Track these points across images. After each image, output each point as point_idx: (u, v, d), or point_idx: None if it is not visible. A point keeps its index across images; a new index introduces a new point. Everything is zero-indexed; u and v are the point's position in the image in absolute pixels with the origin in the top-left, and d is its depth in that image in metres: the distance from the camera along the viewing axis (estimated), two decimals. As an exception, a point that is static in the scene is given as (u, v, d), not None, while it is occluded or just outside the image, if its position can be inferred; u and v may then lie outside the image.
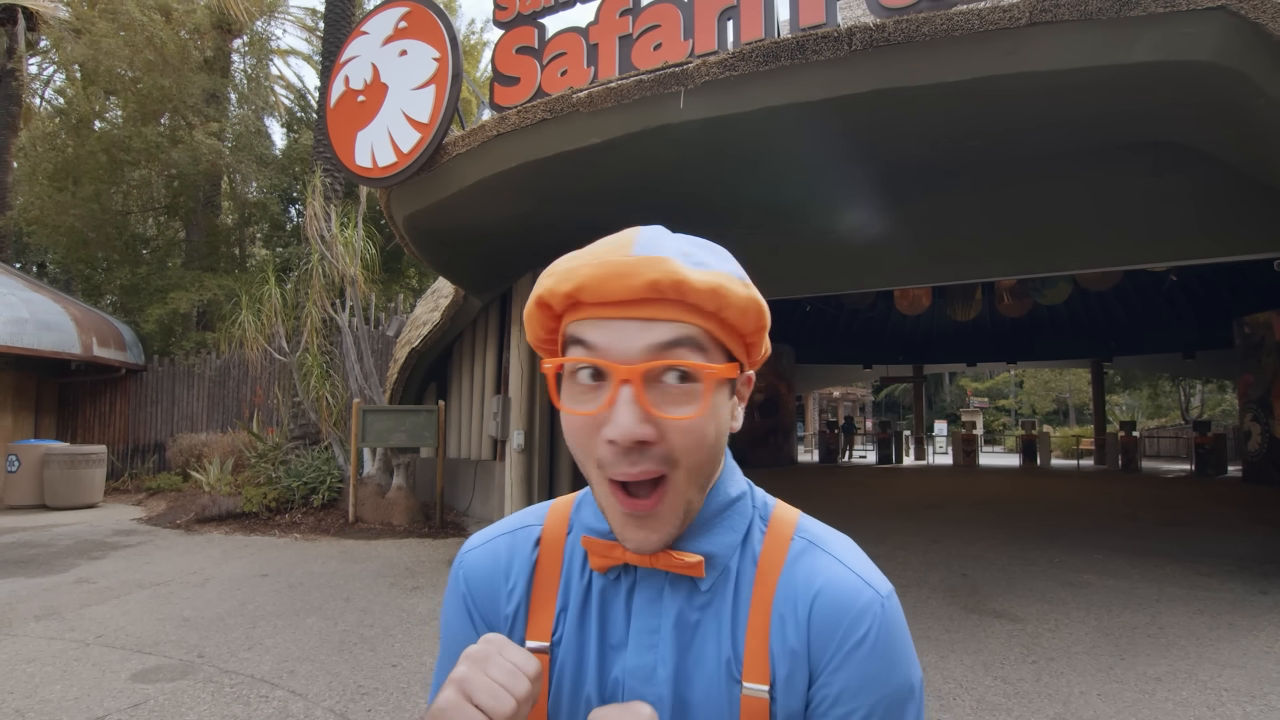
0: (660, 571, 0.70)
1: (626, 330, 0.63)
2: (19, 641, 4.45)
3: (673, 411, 0.63)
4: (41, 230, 15.65)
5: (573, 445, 0.67)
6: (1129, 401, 35.03)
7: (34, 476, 10.69)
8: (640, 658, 0.69)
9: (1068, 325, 19.49)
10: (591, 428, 0.64)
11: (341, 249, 9.30)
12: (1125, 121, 4.94)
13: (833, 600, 0.68)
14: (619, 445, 0.62)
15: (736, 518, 0.72)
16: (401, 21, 6.29)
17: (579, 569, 0.74)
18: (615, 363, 0.62)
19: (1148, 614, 5.06)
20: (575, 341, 0.65)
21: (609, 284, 0.62)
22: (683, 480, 0.65)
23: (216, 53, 17.20)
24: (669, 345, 0.63)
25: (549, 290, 0.64)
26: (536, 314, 0.68)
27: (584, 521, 0.74)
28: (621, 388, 0.62)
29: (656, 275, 0.61)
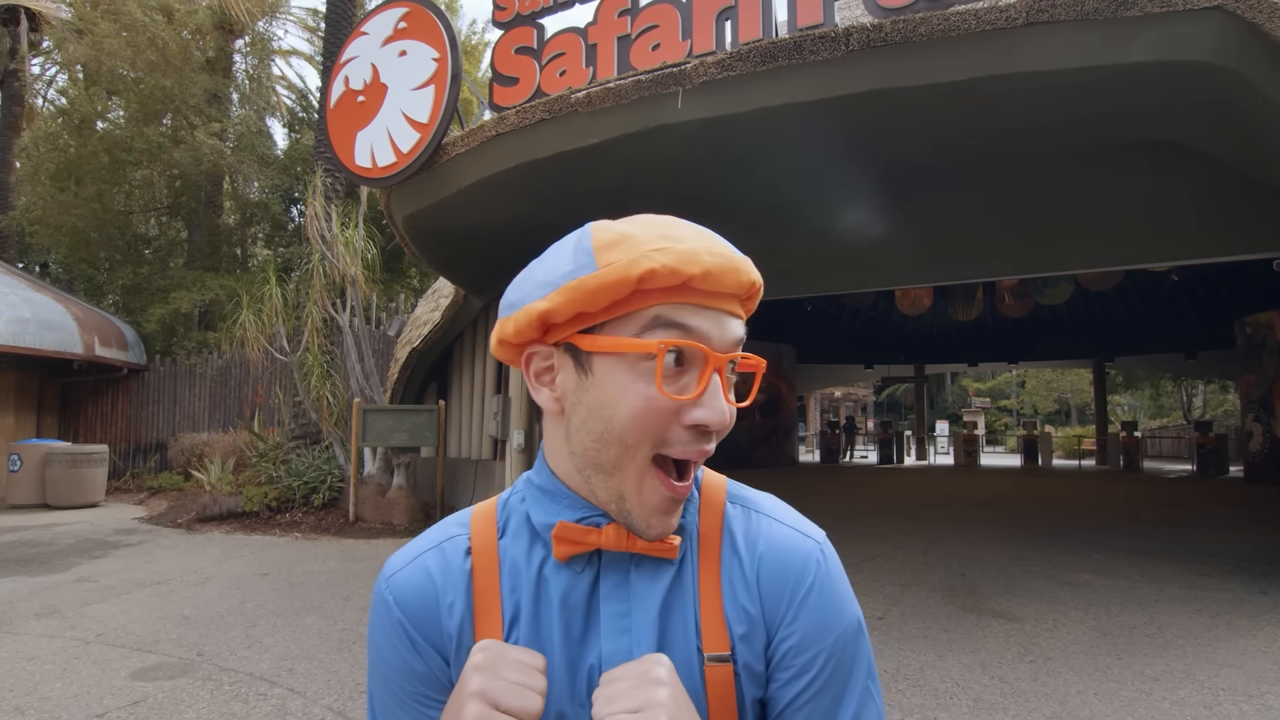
0: (624, 556, 0.69)
1: (722, 321, 0.65)
2: (19, 639, 4.47)
3: (735, 399, 0.68)
4: (44, 230, 15.69)
5: (636, 426, 0.64)
6: (1131, 402, 34.99)
7: (36, 476, 10.72)
8: (614, 643, 0.67)
9: (1069, 325, 19.47)
10: (676, 410, 0.64)
11: (342, 249, 9.32)
12: (1123, 121, 4.94)
13: (777, 558, 0.71)
14: (707, 429, 0.64)
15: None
16: (401, 22, 6.30)
17: (523, 570, 0.70)
18: (713, 350, 0.64)
19: (1146, 614, 5.06)
20: (670, 324, 0.63)
21: (728, 276, 0.64)
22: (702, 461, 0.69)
23: (218, 53, 17.24)
24: (741, 339, 0.67)
25: (668, 269, 0.62)
26: (626, 286, 0.62)
27: (538, 518, 0.71)
28: (714, 375, 0.64)
29: (755, 278, 0.67)
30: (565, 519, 0.69)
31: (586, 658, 0.68)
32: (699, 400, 0.64)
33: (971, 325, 19.62)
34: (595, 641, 0.68)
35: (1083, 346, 19.85)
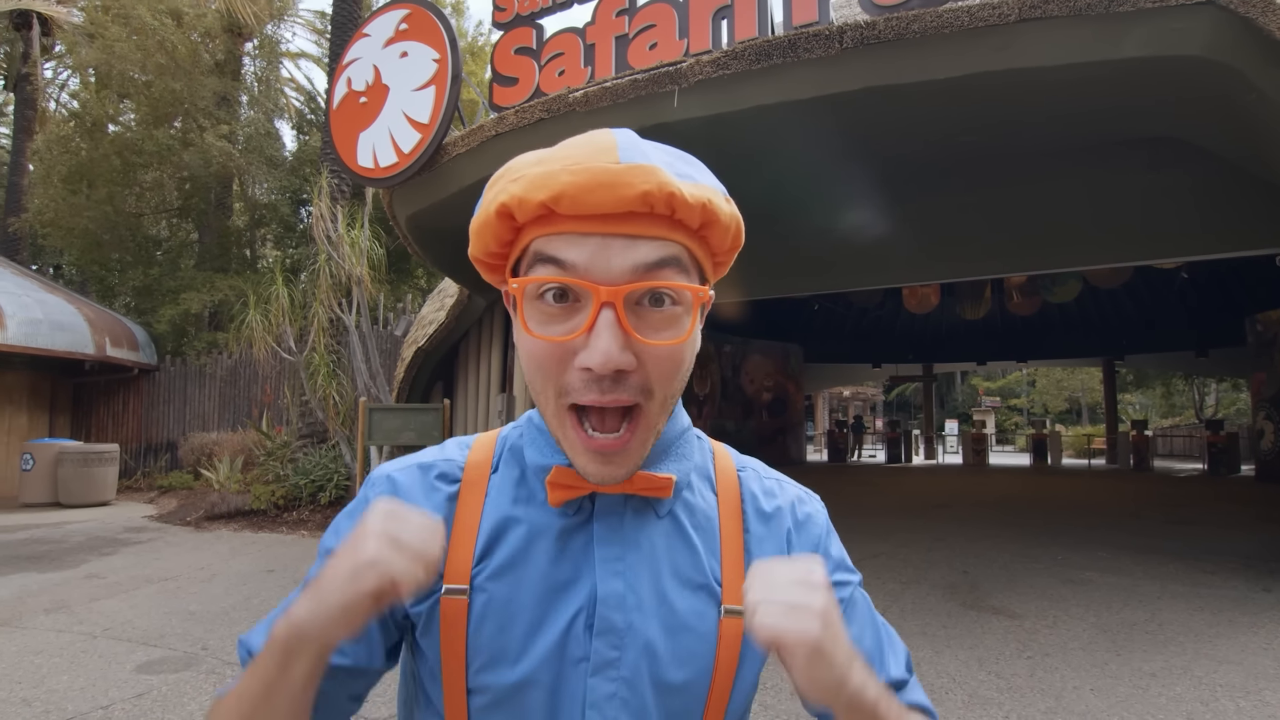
0: (620, 498, 0.67)
1: (610, 247, 0.57)
2: (29, 634, 4.54)
3: (655, 337, 0.59)
4: (56, 232, 15.86)
5: (534, 372, 0.62)
6: (1143, 400, 34.74)
7: (48, 475, 10.86)
8: (609, 585, 0.65)
9: (1078, 323, 19.34)
10: (562, 354, 0.59)
11: (348, 249, 9.39)
12: (1120, 117, 4.93)
13: (805, 515, 0.76)
14: (595, 373, 0.58)
15: (691, 444, 0.73)
16: (402, 23, 6.35)
17: (509, 503, 0.68)
18: (596, 283, 0.57)
19: (1147, 611, 5.05)
20: (545, 259, 0.59)
21: (594, 194, 0.56)
22: (656, 410, 0.62)
23: (227, 56, 17.37)
24: (654, 266, 0.58)
25: (516, 198, 0.57)
26: (494, 224, 0.60)
27: (532, 458, 0.69)
28: (602, 311, 0.57)
29: (649, 187, 0.55)
30: (561, 463, 0.66)
31: (571, 601, 0.65)
32: (582, 341, 0.58)
33: (980, 324, 19.50)
34: (585, 583, 0.66)
35: (1092, 345, 19.72)
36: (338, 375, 9.85)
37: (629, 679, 0.65)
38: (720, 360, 17.19)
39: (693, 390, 15.90)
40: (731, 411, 17.46)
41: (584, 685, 0.64)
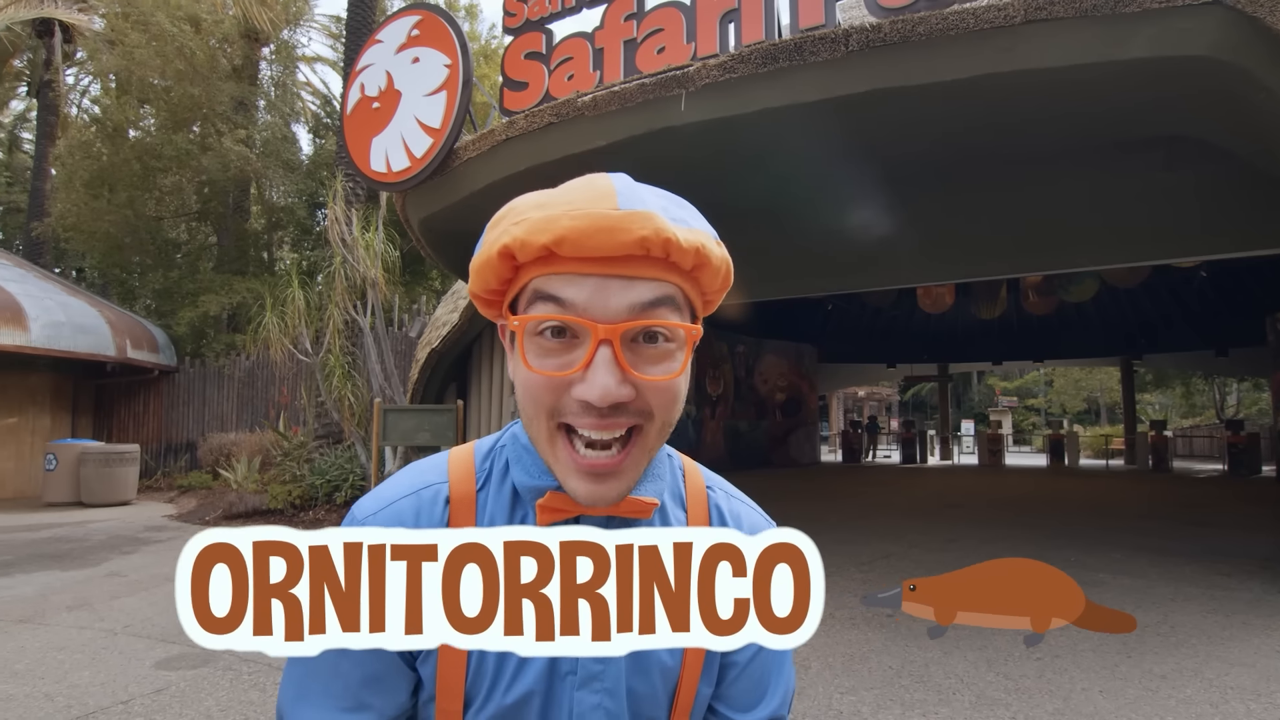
0: (603, 520, 0.69)
1: (608, 288, 0.60)
2: (51, 630, 4.65)
3: (651, 372, 0.62)
4: (78, 236, 16.13)
5: (529, 403, 0.65)
6: (1162, 400, 34.33)
7: (71, 475, 11.05)
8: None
9: (1096, 323, 19.17)
10: (559, 386, 0.62)
11: (363, 252, 9.50)
12: (1128, 116, 4.90)
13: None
14: (595, 407, 0.61)
15: (662, 464, 0.75)
16: (414, 30, 6.43)
17: (502, 523, 0.71)
18: (594, 321, 0.60)
19: (1160, 612, 5.02)
20: (545, 297, 0.62)
21: (594, 239, 0.59)
22: (654, 434, 0.65)
23: (245, 61, 17.59)
24: (650, 305, 0.62)
25: (519, 240, 0.60)
26: (496, 264, 0.63)
27: (520, 479, 0.72)
28: (600, 348, 0.60)
29: (646, 232, 0.59)
30: (545, 485, 0.69)
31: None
32: (580, 376, 0.61)
33: (996, 323, 19.38)
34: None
35: (1110, 344, 19.55)
36: (353, 376, 9.96)
37: (611, 690, 0.70)
38: (733, 360, 17.18)
39: (706, 391, 15.91)
40: (745, 412, 17.45)
41: (571, 697, 0.69)
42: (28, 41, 19.07)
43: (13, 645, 4.33)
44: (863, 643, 4.40)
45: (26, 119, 25.75)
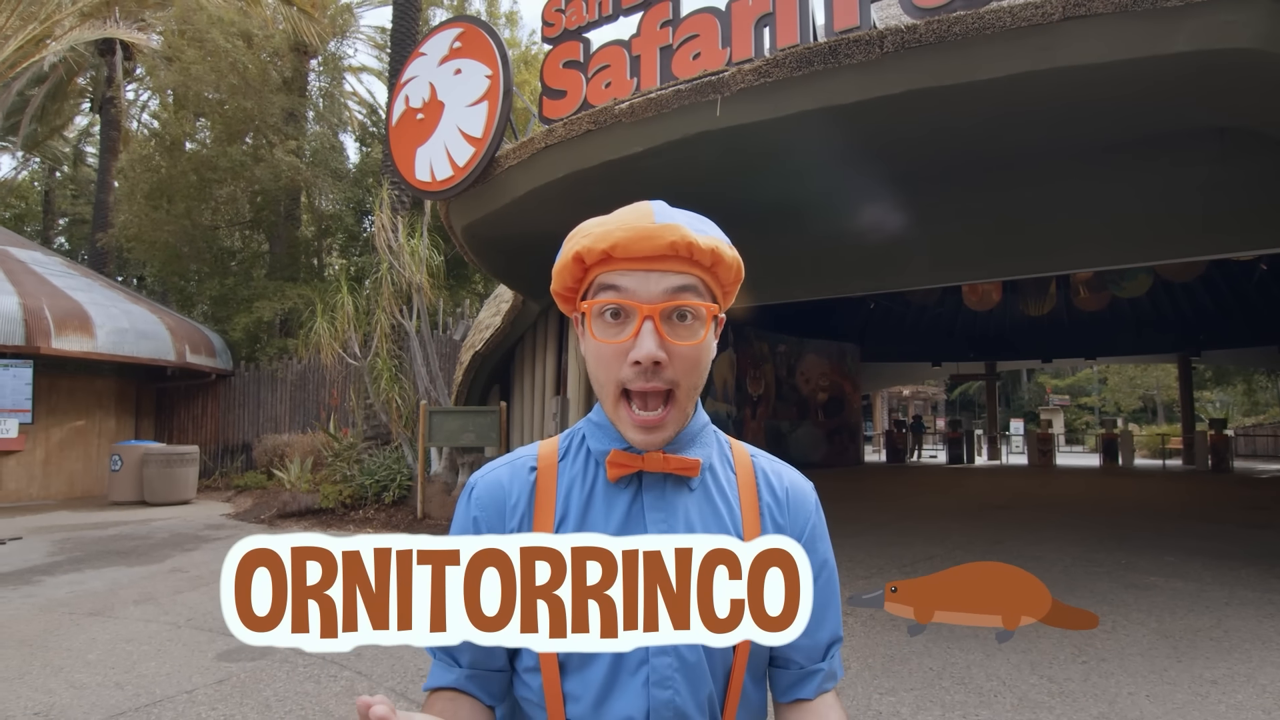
0: (660, 476, 0.88)
1: (649, 278, 0.83)
2: (120, 623, 4.89)
3: (682, 339, 0.83)
4: (140, 246, 16.76)
5: (598, 369, 0.86)
6: (1223, 398, 33.07)
7: (134, 475, 11.53)
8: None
9: (1151, 318, 18.60)
10: (619, 354, 0.83)
11: (408, 258, 9.73)
12: (1176, 110, 4.78)
13: (798, 492, 0.97)
14: (642, 365, 0.81)
15: (710, 435, 0.95)
16: (456, 42, 6.59)
17: (578, 484, 0.90)
18: (640, 303, 0.82)
19: (1213, 617, 4.90)
20: (606, 287, 0.84)
21: (638, 244, 0.81)
22: (684, 396, 0.86)
23: (294, 73, 18.06)
24: (679, 290, 0.83)
25: (587, 248, 0.84)
26: (571, 267, 0.87)
27: (594, 446, 0.91)
28: (645, 322, 0.82)
29: (675, 238, 0.82)
30: (618, 447, 0.88)
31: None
32: (632, 343, 0.82)
33: (1045, 320, 18.93)
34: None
35: (1166, 340, 18.93)
36: (400, 379, 10.20)
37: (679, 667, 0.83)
38: (775, 360, 17.09)
39: (747, 391, 15.85)
40: (786, 412, 17.34)
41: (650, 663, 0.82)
42: (91, 60, 19.88)
43: (85, 637, 4.58)
44: (903, 644, 4.39)
45: (90, 134, 26.84)
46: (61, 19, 16.22)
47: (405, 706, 3.15)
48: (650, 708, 0.81)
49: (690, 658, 0.83)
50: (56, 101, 22.10)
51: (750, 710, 0.89)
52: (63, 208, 27.82)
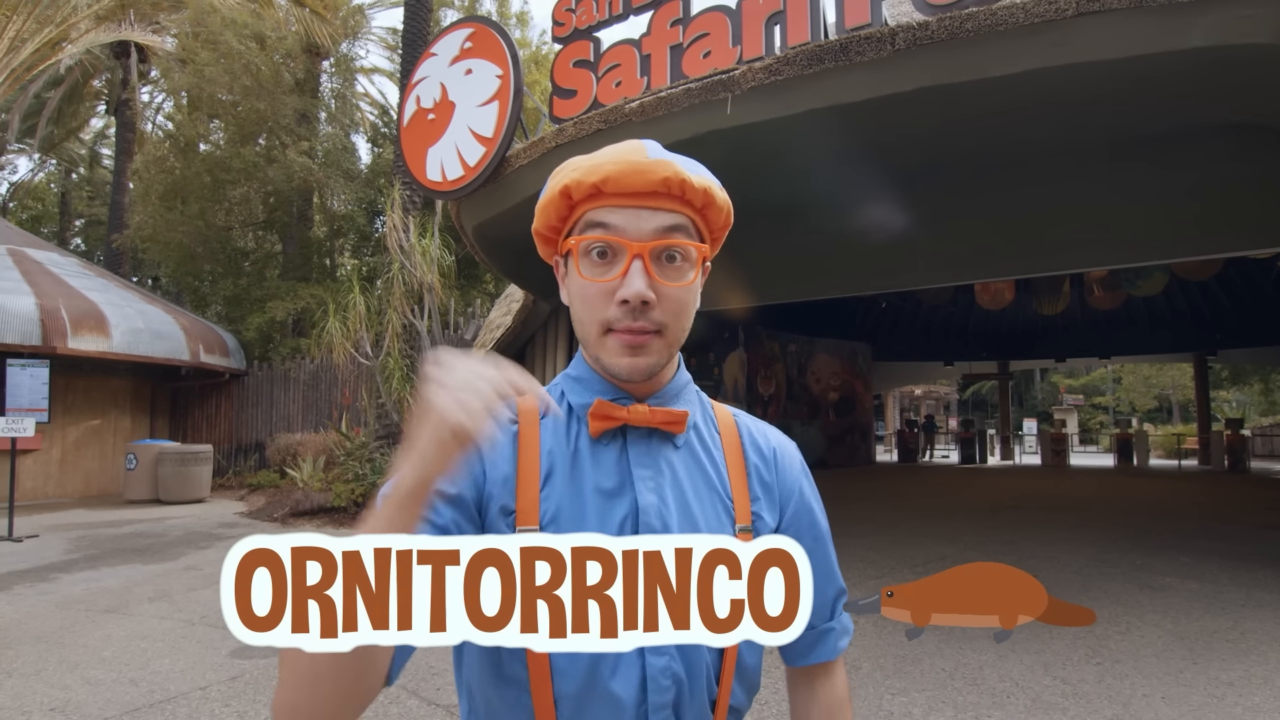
0: (645, 431, 0.86)
1: (640, 216, 0.80)
2: (135, 620, 4.94)
3: (670, 279, 0.81)
4: (154, 247, 16.90)
5: (583, 309, 0.83)
6: (1239, 398, 32.72)
7: (149, 473, 11.64)
8: (647, 498, 0.83)
9: (1166, 317, 18.42)
10: (605, 293, 0.80)
11: (419, 258, 9.76)
12: (1190, 106, 4.73)
13: (784, 451, 0.96)
14: (630, 304, 0.78)
15: (693, 394, 0.94)
16: (467, 42, 6.61)
17: (561, 439, 0.86)
18: (630, 240, 0.79)
19: (1230, 618, 4.85)
20: (594, 224, 0.80)
21: (629, 178, 0.78)
22: (670, 337, 0.83)
23: (306, 75, 18.16)
24: (669, 229, 0.80)
25: (576, 181, 0.80)
26: (557, 201, 0.83)
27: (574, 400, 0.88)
28: (634, 260, 0.78)
29: (668, 174, 0.79)
30: (601, 398, 0.86)
31: (618, 510, 0.83)
32: (619, 282, 0.79)
33: (1059, 319, 18.80)
34: (627, 496, 0.84)
35: (1182, 339, 18.75)
36: (411, 379, 10.24)
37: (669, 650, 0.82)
38: (786, 359, 17.05)
39: (757, 390, 15.82)
40: (797, 411, 17.29)
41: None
42: (106, 63, 20.09)
43: (100, 634, 4.62)
44: (914, 644, 4.37)
45: (106, 136, 27.12)
46: (77, 22, 16.36)
47: (416, 705, 3.14)
48: (647, 675, 0.79)
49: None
50: (72, 104, 22.33)
51: (746, 679, 0.88)
52: (79, 209, 28.14)
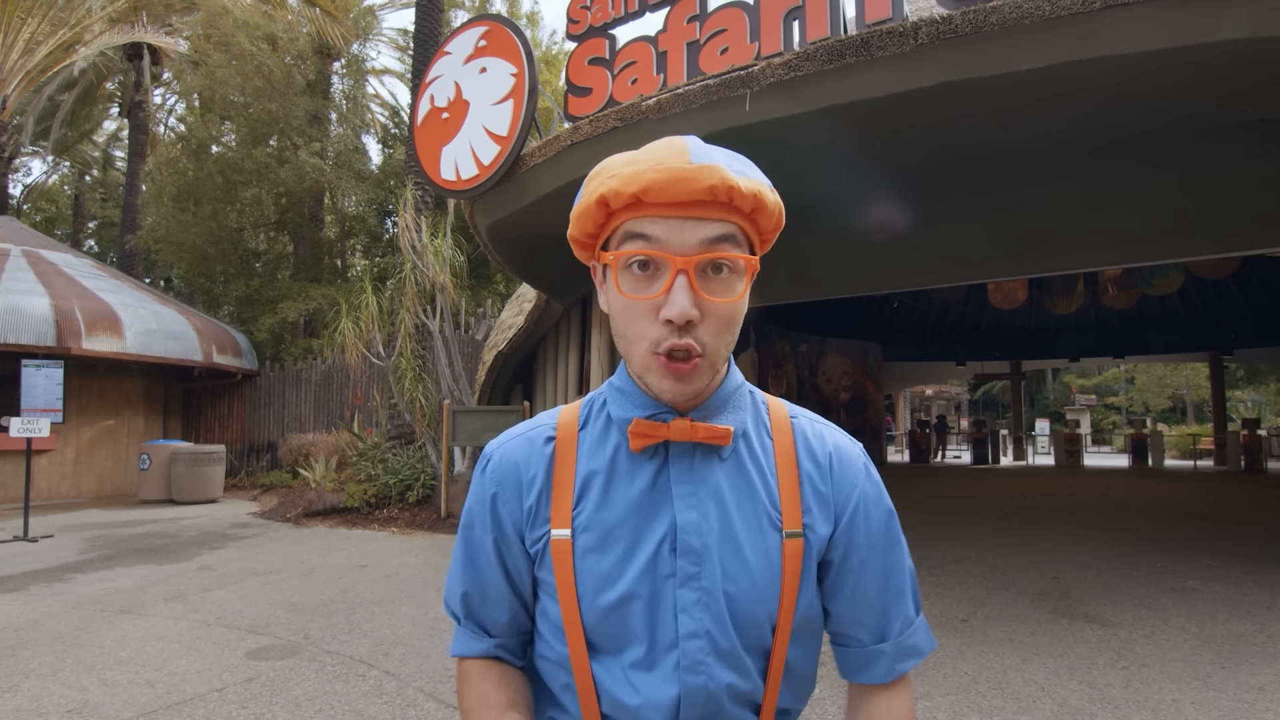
0: (689, 446, 0.82)
1: (684, 227, 0.74)
2: (150, 621, 4.93)
3: (718, 295, 0.75)
4: (167, 248, 16.97)
5: (625, 326, 0.78)
6: (1255, 397, 32.41)
7: (163, 473, 11.67)
8: (686, 515, 0.80)
9: (1182, 316, 18.26)
10: (649, 310, 0.75)
11: (431, 258, 9.74)
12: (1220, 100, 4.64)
13: (843, 457, 0.89)
14: (674, 323, 0.73)
15: (745, 397, 0.88)
16: (481, 40, 6.58)
17: (599, 453, 0.84)
18: (674, 254, 0.73)
19: (1256, 622, 4.77)
20: (634, 236, 0.75)
21: (673, 187, 0.72)
22: (716, 353, 0.78)
23: (318, 76, 18.23)
24: (717, 240, 0.75)
25: (614, 191, 0.74)
26: (594, 210, 0.77)
27: (616, 413, 0.84)
28: (678, 275, 0.73)
29: (714, 181, 0.72)
30: (639, 415, 0.82)
31: (658, 527, 0.81)
32: (664, 299, 0.74)
33: (1072, 318, 18.67)
34: (666, 514, 0.81)
35: (1198, 339, 18.57)
36: (423, 379, 10.23)
37: (709, 589, 0.79)
38: (796, 359, 16.98)
39: (768, 389, 15.75)
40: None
41: (674, 595, 0.79)
42: (119, 65, 20.19)
43: (116, 634, 4.61)
44: (938, 648, 4.31)
45: (119, 138, 27.28)
46: (90, 24, 16.47)
47: (434, 708, 3.10)
48: (682, 693, 0.78)
49: (724, 643, 0.79)
50: (86, 106, 22.47)
51: (794, 683, 0.86)
52: (92, 211, 28.33)
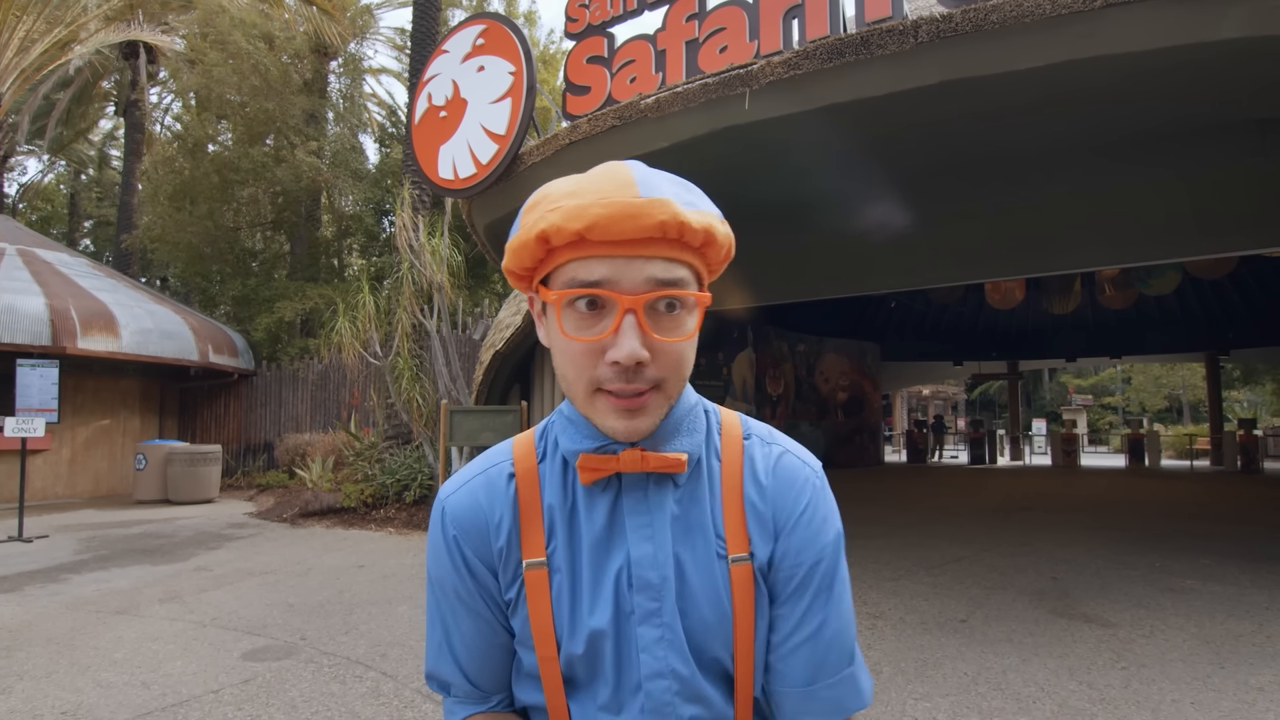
0: (642, 476, 0.79)
1: (631, 265, 0.70)
2: (146, 622, 4.90)
3: (668, 334, 0.72)
4: (163, 247, 16.93)
5: (568, 368, 0.74)
6: (1251, 397, 32.50)
7: (158, 474, 11.64)
8: (641, 548, 0.77)
9: (1178, 316, 18.30)
10: (593, 352, 0.71)
11: (429, 258, 9.72)
12: (1219, 99, 4.64)
13: (785, 474, 0.83)
14: (622, 365, 0.70)
15: (697, 420, 0.83)
16: (479, 39, 6.56)
17: (559, 488, 0.81)
18: (621, 294, 0.69)
19: (1254, 621, 4.77)
20: (578, 280, 0.71)
21: (620, 224, 0.67)
22: (670, 387, 0.75)
23: (315, 75, 18.18)
24: (666, 280, 0.71)
25: (555, 227, 0.69)
26: (533, 246, 0.71)
27: (565, 445, 0.81)
28: (626, 316, 0.69)
29: (665, 217, 0.68)
30: (585, 448, 0.79)
31: (614, 561, 0.78)
32: (610, 340, 0.70)
33: (1069, 318, 18.71)
34: (621, 548, 0.78)
35: (1194, 339, 18.62)
36: (420, 379, 10.20)
37: (669, 624, 0.77)
38: (794, 360, 16.98)
39: (766, 390, 15.76)
40: (806, 412, 17.22)
41: (635, 633, 0.77)
42: (115, 64, 20.14)
43: (111, 636, 4.58)
44: (936, 648, 4.30)
45: (115, 137, 27.21)
46: (86, 22, 16.41)
47: (431, 709, 3.08)
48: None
49: (689, 679, 0.77)
50: (82, 105, 22.40)
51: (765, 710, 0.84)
52: (88, 210, 28.26)
